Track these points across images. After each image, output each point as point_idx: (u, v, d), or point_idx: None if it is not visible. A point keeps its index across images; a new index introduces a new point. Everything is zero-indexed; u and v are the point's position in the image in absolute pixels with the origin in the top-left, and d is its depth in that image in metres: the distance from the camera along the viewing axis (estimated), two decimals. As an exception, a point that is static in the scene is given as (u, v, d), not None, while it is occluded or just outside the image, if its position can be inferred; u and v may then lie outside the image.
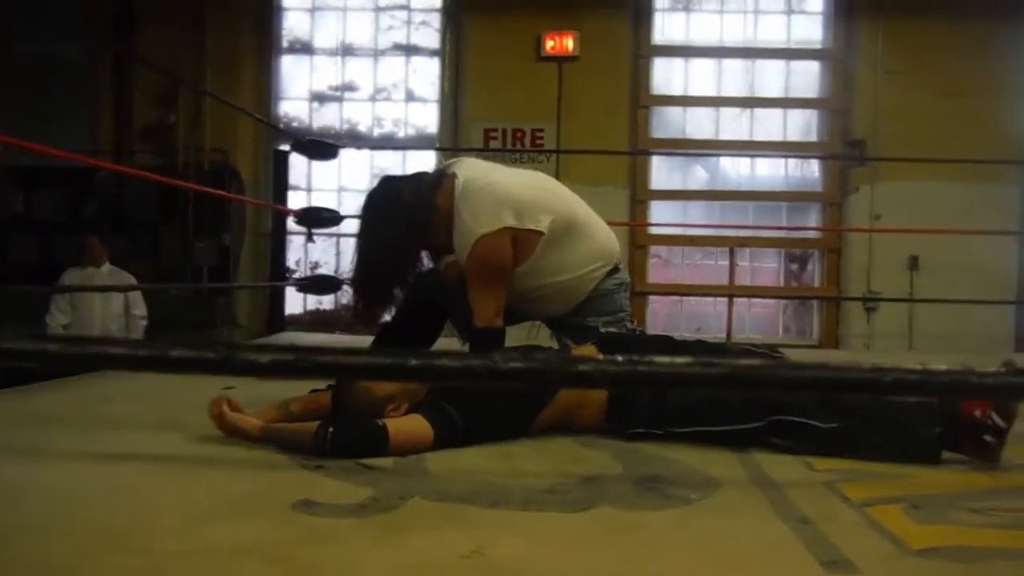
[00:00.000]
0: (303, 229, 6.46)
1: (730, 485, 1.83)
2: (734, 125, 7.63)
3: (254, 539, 1.38)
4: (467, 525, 1.48)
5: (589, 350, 2.46)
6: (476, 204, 2.63)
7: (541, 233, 2.65)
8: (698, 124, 7.67)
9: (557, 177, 7.04)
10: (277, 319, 6.19)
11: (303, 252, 7.65)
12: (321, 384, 2.31)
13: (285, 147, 6.40)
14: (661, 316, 7.70)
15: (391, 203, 2.71)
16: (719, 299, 7.47)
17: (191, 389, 3.00)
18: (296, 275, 7.15)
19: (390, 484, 1.73)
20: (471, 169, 2.76)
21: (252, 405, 2.25)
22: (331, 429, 1.94)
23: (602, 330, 2.74)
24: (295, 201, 6.88)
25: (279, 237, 6.30)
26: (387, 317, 2.96)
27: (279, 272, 6.19)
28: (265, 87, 7.73)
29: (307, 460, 1.90)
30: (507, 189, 2.66)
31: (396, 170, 2.94)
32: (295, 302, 7.26)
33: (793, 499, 1.72)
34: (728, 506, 1.67)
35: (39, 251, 7.32)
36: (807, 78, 7.60)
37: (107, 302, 5.81)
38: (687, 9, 7.69)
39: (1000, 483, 1.91)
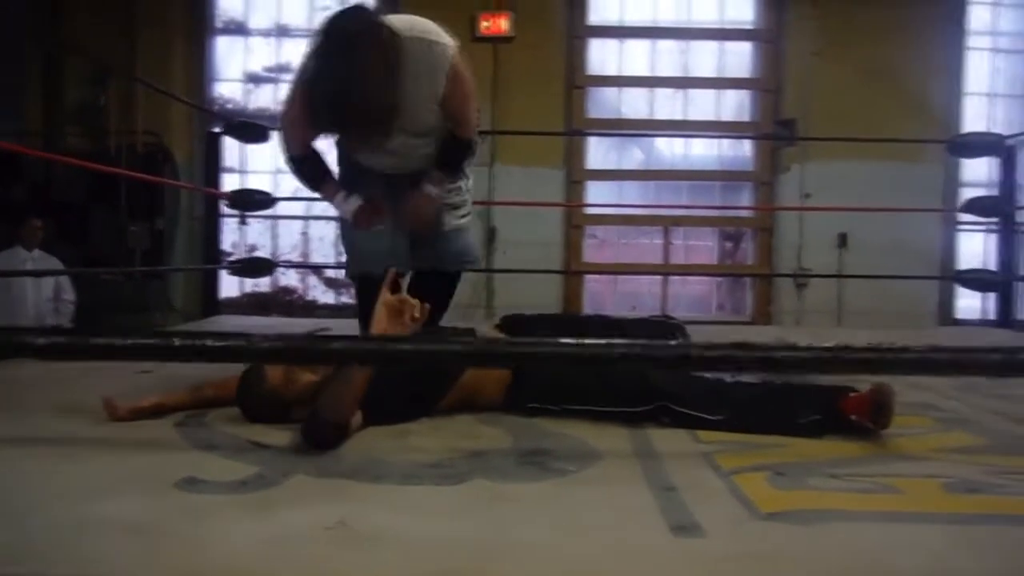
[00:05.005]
0: (238, 212, 6.46)
1: (612, 457, 1.91)
2: (668, 105, 7.72)
3: (129, 514, 1.42)
4: (341, 499, 1.53)
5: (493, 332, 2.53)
6: (427, 26, 2.60)
7: None
8: (633, 104, 7.74)
9: (492, 159, 7.18)
10: (211, 303, 6.14)
11: (239, 235, 7.61)
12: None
13: (219, 129, 6.35)
14: (597, 295, 7.80)
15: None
16: (654, 278, 7.60)
17: (105, 373, 3.02)
18: (232, 258, 7.11)
19: (279, 462, 1.78)
20: None
21: (166, 387, 2.32)
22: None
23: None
24: (231, 184, 6.83)
25: (212, 220, 6.24)
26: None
27: (212, 255, 6.14)
28: (199, 68, 7.64)
29: (201, 441, 1.94)
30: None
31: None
32: (232, 285, 7.22)
33: (667, 469, 1.79)
34: (602, 477, 1.74)
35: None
36: (740, 59, 7.71)
37: (38, 286, 5.77)
38: (621, -11, 7.76)
39: (869, 451, 2.01)
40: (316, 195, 2.99)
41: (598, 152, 7.76)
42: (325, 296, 7.97)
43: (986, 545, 1.36)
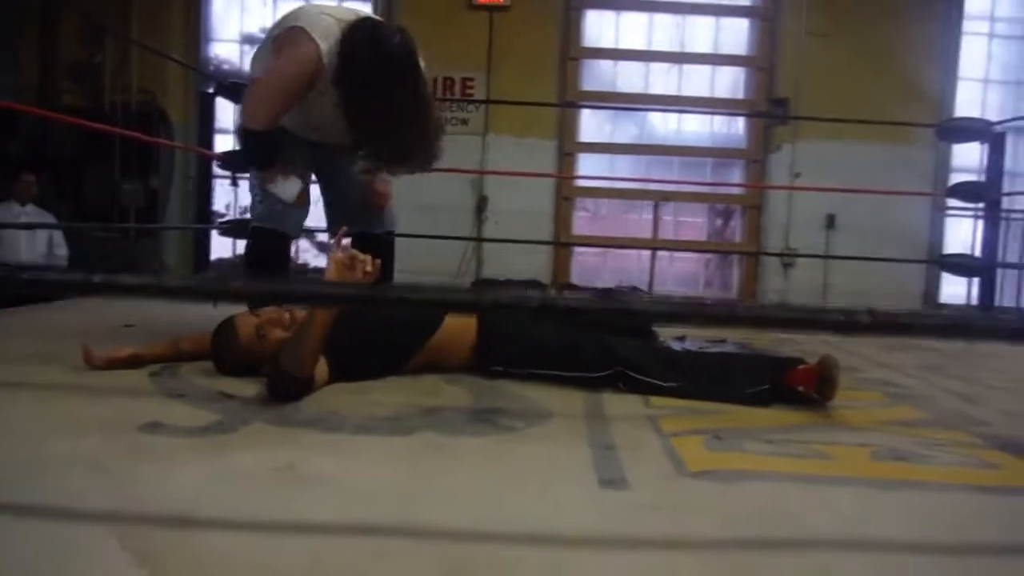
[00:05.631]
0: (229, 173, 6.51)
1: (561, 417, 1.99)
2: (663, 80, 7.74)
3: (89, 453, 1.51)
4: (293, 446, 1.61)
5: None
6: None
7: None
8: (628, 78, 7.76)
9: (485, 128, 7.22)
10: (202, 262, 6.23)
11: (233, 196, 7.66)
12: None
13: (213, 90, 6.38)
14: (586, 268, 7.86)
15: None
16: (643, 252, 7.67)
17: (87, 322, 3.12)
18: (224, 219, 7.17)
19: (241, 412, 1.87)
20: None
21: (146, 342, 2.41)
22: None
23: None
24: (224, 145, 6.88)
25: (205, 181, 6.32)
26: None
27: (205, 216, 6.21)
28: (195, 28, 7.65)
29: (171, 390, 2.03)
30: None
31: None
32: (224, 246, 7.30)
33: (612, 430, 1.88)
34: (547, 435, 1.83)
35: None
36: (736, 35, 7.72)
37: (31, 240, 5.85)
38: (620, -38, 7.75)
39: (811, 421, 2.10)
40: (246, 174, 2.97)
41: (591, 125, 7.80)
42: (317, 260, 8.04)
43: (895, 508, 1.45)
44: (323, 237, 7.80)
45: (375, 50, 2.47)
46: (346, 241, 2.17)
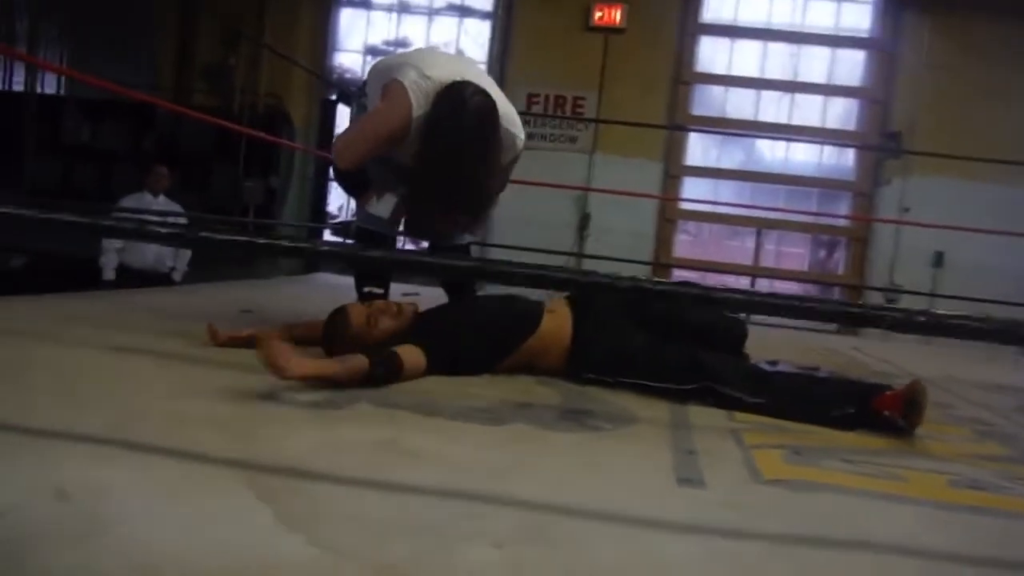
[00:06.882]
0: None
1: (646, 423, 2.09)
2: (774, 108, 7.73)
3: (211, 414, 1.69)
4: (395, 425, 1.76)
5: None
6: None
7: None
8: (738, 104, 7.78)
9: (593, 147, 7.34)
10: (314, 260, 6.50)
11: (346, 199, 7.98)
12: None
13: (335, 97, 6.70)
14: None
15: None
16: (743, 279, 7.65)
17: (211, 305, 3.37)
18: (337, 219, 7.49)
19: (347, 392, 2.02)
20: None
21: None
22: (380, 371, 2.14)
23: None
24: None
25: (322, 183, 6.63)
26: None
27: (319, 215, 6.51)
28: (322, 37, 8.04)
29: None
30: None
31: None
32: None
33: (694, 438, 1.97)
34: (631, 436, 1.93)
35: (100, 179, 7.77)
36: (850, 66, 7.67)
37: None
38: (737, -11, 7.79)
39: (891, 446, 2.13)
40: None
41: (699, 149, 7.84)
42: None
43: (959, 527, 1.49)
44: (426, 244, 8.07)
45: (455, 116, 2.62)
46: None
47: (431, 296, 3.11)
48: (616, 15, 7.44)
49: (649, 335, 2.52)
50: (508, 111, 2.80)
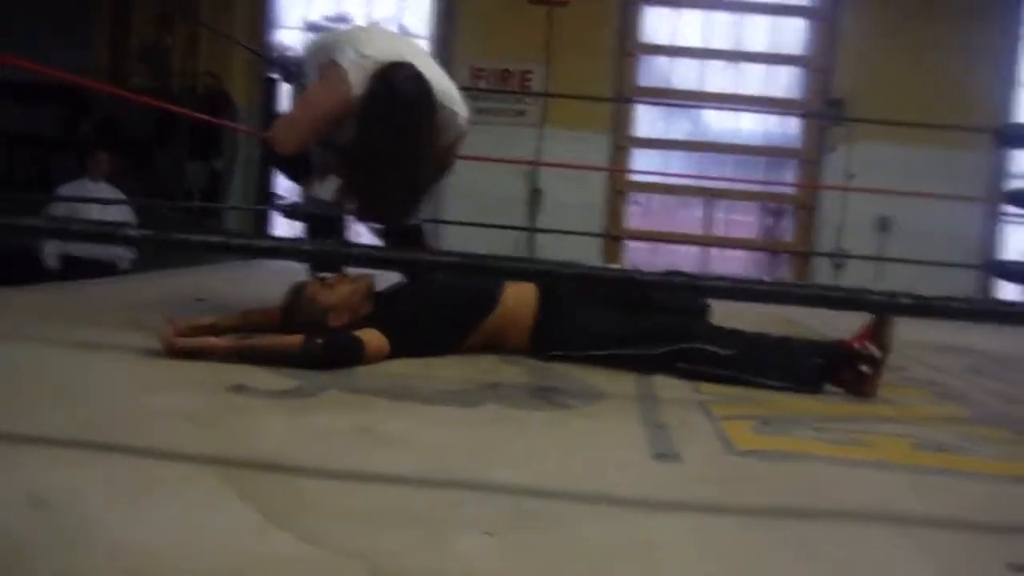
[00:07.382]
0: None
1: (614, 398, 2.10)
2: (719, 78, 7.78)
3: (180, 408, 1.65)
4: (368, 410, 1.75)
5: None
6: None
7: None
8: (683, 75, 7.82)
9: (541, 121, 7.32)
10: (262, 242, 6.40)
11: (292, 181, 7.86)
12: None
13: (276, 76, 6.55)
14: (637, 262, 7.94)
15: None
16: (694, 248, 7.72)
17: (164, 294, 3.30)
18: (284, 201, 7.36)
19: (317, 378, 2.00)
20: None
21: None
22: (319, 341, 2.15)
23: None
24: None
25: (266, 164, 6.49)
26: None
27: (265, 197, 6.40)
28: (260, 14, 7.87)
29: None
30: None
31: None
32: (284, 228, 7.48)
33: (662, 410, 1.98)
34: (600, 412, 1.94)
35: (36, 166, 7.53)
36: (793, 35, 7.73)
37: (103, 215, 6.07)
38: (680, -40, 7.80)
39: (858, 412, 2.18)
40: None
41: (645, 120, 7.87)
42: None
43: (930, 491, 1.53)
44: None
45: (387, 100, 2.58)
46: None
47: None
48: (560, -14, 7.40)
49: (614, 311, 2.53)
50: (447, 89, 2.76)
